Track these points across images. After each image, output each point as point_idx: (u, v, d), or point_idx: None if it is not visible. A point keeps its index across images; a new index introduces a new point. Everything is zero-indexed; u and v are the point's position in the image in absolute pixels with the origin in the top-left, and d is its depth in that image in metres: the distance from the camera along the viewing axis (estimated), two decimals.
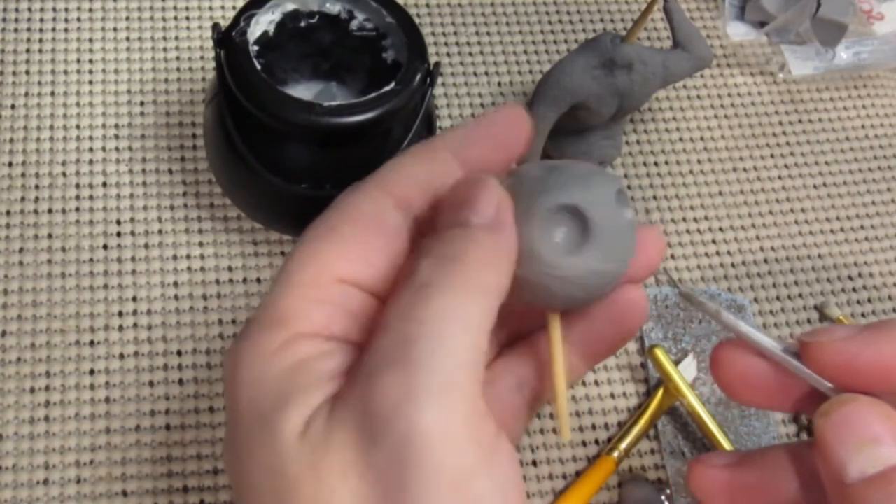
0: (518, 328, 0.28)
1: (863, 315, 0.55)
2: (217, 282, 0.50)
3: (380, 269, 0.24)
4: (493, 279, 0.23)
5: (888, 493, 0.21)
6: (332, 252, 0.24)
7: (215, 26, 0.45)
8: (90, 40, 0.58)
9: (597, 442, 0.49)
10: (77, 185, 0.52)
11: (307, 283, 0.23)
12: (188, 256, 0.51)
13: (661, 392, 0.49)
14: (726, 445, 0.47)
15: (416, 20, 0.48)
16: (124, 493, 0.44)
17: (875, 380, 0.23)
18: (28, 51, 0.57)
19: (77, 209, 0.52)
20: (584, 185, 0.25)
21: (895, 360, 0.23)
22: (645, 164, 0.59)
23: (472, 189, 0.24)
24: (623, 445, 0.47)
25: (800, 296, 0.55)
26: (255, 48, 0.46)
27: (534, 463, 0.48)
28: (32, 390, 0.46)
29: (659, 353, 0.48)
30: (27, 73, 0.56)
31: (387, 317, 0.22)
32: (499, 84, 0.60)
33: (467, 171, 0.25)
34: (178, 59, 0.58)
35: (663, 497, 0.47)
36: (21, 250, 0.50)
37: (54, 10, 0.58)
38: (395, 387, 0.20)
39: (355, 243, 0.24)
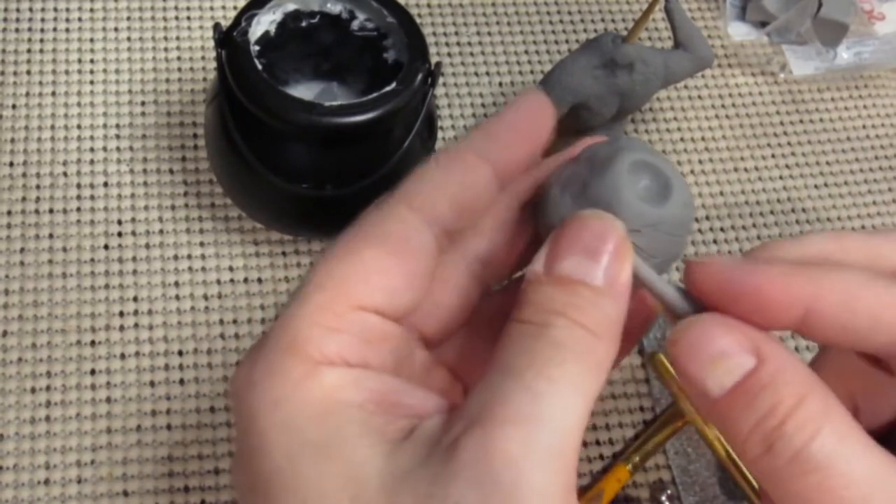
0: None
1: None
2: (218, 282, 0.50)
3: (402, 294, 0.24)
4: (612, 353, 0.22)
5: (749, 399, 0.21)
6: (352, 277, 0.23)
7: (216, 26, 0.45)
8: (91, 40, 0.58)
9: (598, 442, 0.49)
10: (78, 185, 0.52)
11: (323, 308, 0.23)
12: (189, 256, 0.51)
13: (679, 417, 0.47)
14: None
15: (417, 20, 0.48)
16: (125, 493, 0.44)
17: (750, 305, 0.23)
18: (29, 51, 0.57)
19: (78, 209, 0.52)
20: (656, 154, 0.25)
21: (769, 284, 0.22)
22: None
23: (598, 238, 0.23)
24: (637, 458, 0.46)
25: None
26: (257, 48, 0.45)
27: None
28: (33, 390, 0.46)
29: (662, 359, 0.47)
30: (28, 73, 0.56)
31: (508, 358, 0.22)
32: (500, 84, 0.60)
33: (498, 171, 0.25)
34: (179, 59, 0.58)
35: (664, 497, 0.47)
36: (22, 250, 0.50)
37: (55, 10, 0.58)
38: (518, 442, 0.20)
39: (377, 269, 0.23)
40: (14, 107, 0.55)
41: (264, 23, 0.47)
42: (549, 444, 0.20)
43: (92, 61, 0.57)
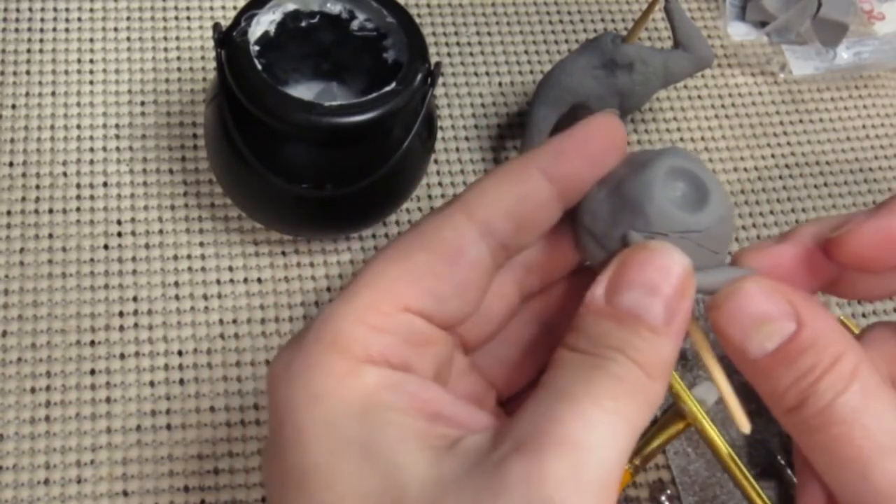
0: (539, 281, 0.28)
1: (863, 315, 0.55)
2: (217, 282, 0.50)
3: (450, 302, 0.24)
4: (662, 393, 0.22)
5: (789, 362, 0.22)
6: (403, 279, 0.23)
7: (216, 26, 0.45)
8: (91, 40, 0.58)
9: None
10: (77, 185, 0.52)
11: (371, 307, 0.23)
12: (188, 256, 0.51)
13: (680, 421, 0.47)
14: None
15: (417, 20, 0.48)
16: (125, 493, 0.44)
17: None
18: (28, 51, 0.57)
19: (77, 209, 0.52)
20: (697, 162, 0.25)
21: None
22: None
23: (662, 274, 0.23)
24: (637, 460, 0.46)
25: None
26: (256, 48, 0.45)
27: None
28: (33, 390, 0.46)
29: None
30: (28, 73, 0.56)
31: (563, 383, 0.22)
32: (499, 84, 0.60)
33: (560, 191, 0.25)
34: (178, 59, 0.58)
35: (664, 497, 0.47)
36: (22, 250, 0.50)
37: (55, 10, 0.58)
38: (567, 467, 0.20)
39: (429, 274, 0.23)
40: (14, 107, 0.55)
41: (264, 23, 0.47)
42: (598, 472, 0.20)
43: (92, 61, 0.57)
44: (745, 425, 0.23)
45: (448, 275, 0.23)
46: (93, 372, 0.47)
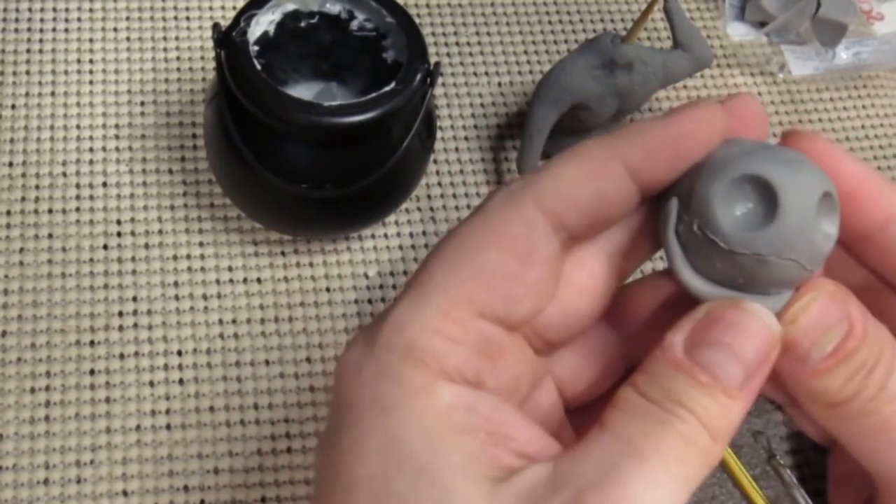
0: None
1: None
2: (217, 282, 0.50)
3: (524, 303, 0.22)
4: (721, 454, 0.22)
5: (844, 360, 0.22)
6: (475, 280, 0.22)
7: (215, 26, 0.45)
8: (90, 40, 0.58)
9: None
10: (77, 185, 0.52)
11: (445, 313, 0.22)
12: (188, 256, 0.51)
13: None
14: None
15: (417, 20, 0.48)
16: (125, 493, 0.44)
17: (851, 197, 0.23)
18: (28, 51, 0.57)
19: (77, 209, 0.52)
20: (786, 165, 0.22)
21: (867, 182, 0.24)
22: None
23: (750, 341, 0.21)
24: None
25: None
26: (256, 48, 0.46)
27: None
28: (33, 390, 0.46)
29: None
30: (27, 73, 0.56)
31: (630, 432, 0.21)
32: (499, 84, 0.60)
33: (641, 187, 0.23)
34: (178, 59, 0.58)
35: None
36: (21, 250, 0.50)
37: (54, 10, 0.58)
38: None
39: (501, 275, 0.22)
40: (14, 107, 0.55)
41: (263, 23, 0.47)
42: None
43: (91, 61, 0.57)
44: None
45: (521, 275, 0.22)
46: (93, 372, 0.47)
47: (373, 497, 0.21)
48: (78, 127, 0.54)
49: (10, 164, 0.53)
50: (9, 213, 0.51)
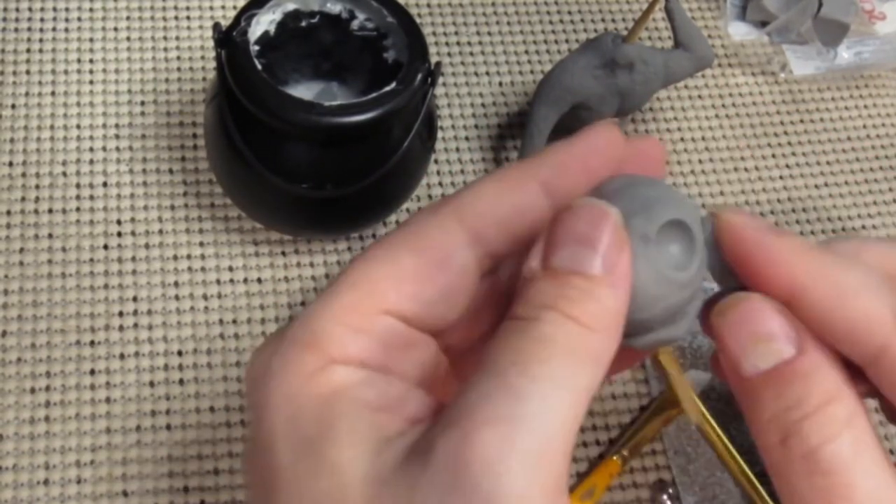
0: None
1: None
2: (217, 282, 0.50)
3: (432, 307, 0.23)
4: (610, 347, 0.21)
5: (778, 387, 0.21)
6: (386, 280, 0.22)
7: (216, 26, 0.45)
8: (90, 40, 0.58)
9: (597, 442, 0.49)
10: (77, 185, 0.52)
11: (351, 308, 0.22)
12: (188, 256, 0.51)
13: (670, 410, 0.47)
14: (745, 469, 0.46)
15: (417, 20, 0.48)
16: (125, 493, 0.44)
17: (756, 269, 0.23)
18: (28, 51, 0.57)
19: (77, 209, 0.52)
20: (679, 202, 0.22)
21: (787, 261, 0.22)
22: None
23: (593, 226, 0.21)
24: (625, 451, 0.47)
25: None
26: (256, 48, 0.45)
27: None
28: (33, 390, 0.46)
29: (665, 359, 0.46)
30: (27, 73, 0.56)
31: (494, 356, 0.20)
32: (500, 84, 0.60)
33: (553, 204, 0.23)
34: (178, 58, 0.58)
35: (664, 497, 0.47)
36: (21, 250, 0.50)
37: (54, 10, 0.58)
38: (495, 444, 0.19)
39: (413, 277, 0.22)
40: (14, 107, 0.55)
41: (264, 23, 0.47)
42: (530, 446, 0.19)
43: (91, 61, 0.57)
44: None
45: (433, 280, 0.23)
46: (93, 372, 0.47)
47: (286, 487, 0.21)
48: (78, 127, 0.54)
49: (10, 164, 0.53)
50: (9, 213, 0.51)
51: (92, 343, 0.48)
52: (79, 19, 0.58)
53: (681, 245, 0.22)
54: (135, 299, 0.49)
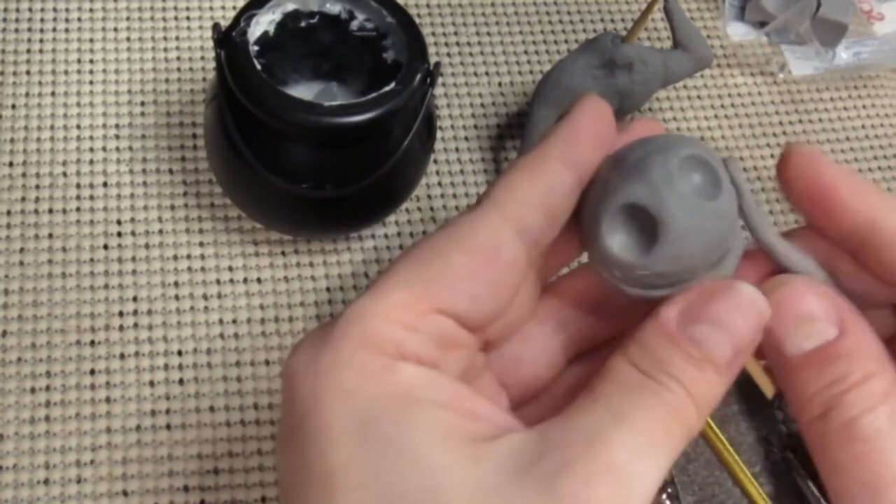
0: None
1: None
2: (217, 282, 0.50)
3: (485, 304, 0.23)
4: (701, 427, 0.22)
5: (821, 367, 0.22)
6: (438, 279, 0.23)
7: (215, 26, 0.45)
8: (90, 40, 0.58)
9: None
10: (77, 185, 0.52)
11: (404, 306, 0.22)
12: (188, 256, 0.51)
13: None
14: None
15: (417, 20, 0.48)
16: (125, 493, 0.44)
17: (824, 202, 0.24)
18: (28, 51, 0.57)
19: (77, 209, 0.52)
20: (696, 143, 0.23)
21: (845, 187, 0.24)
22: None
23: (743, 318, 0.22)
24: None
25: None
26: (256, 48, 0.46)
27: None
28: (33, 390, 0.46)
29: None
30: (27, 73, 0.56)
31: (620, 400, 0.22)
32: (499, 84, 0.60)
33: (579, 176, 0.25)
34: (178, 59, 0.58)
35: (664, 497, 0.47)
36: (21, 250, 0.50)
37: (54, 10, 0.58)
38: (615, 495, 0.20)
39: (464, 276, 0.23)
40: (14, 107, 0.55)
41: (263, 23, 0.47)
42: (639, 501, 0.21)
43: (91, 61, 0.57)
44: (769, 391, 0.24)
45: (484, 276, 0.23)
46: (93, 372, 0.47)
47: (357, 485, 0.21)
48: (78, 127, 0.54)
49: (11, 164, 0.53)
50: (9, 213, 0.51)
51: (92, 343, 0.48)
52: (79, 19, 0.58)
53: (705, 178, 0.23)
54: (135, 299, 0.49)
